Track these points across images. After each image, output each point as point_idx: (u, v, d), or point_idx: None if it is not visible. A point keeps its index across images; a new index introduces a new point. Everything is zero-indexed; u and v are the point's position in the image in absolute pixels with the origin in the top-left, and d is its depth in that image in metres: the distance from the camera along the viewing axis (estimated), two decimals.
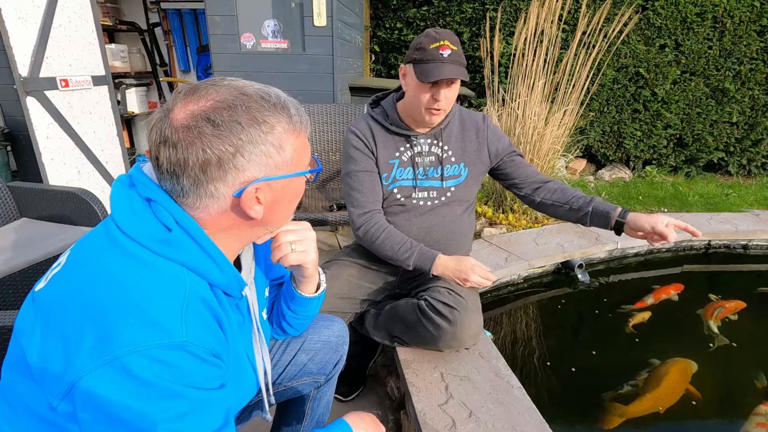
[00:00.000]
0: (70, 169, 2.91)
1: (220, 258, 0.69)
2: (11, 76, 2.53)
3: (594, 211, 1.45)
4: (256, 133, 0.63)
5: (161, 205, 0.65)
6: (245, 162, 0.63)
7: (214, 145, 0.61)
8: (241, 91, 0.64)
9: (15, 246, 1.89)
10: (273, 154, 0.65)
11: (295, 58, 2.71)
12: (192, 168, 0.62)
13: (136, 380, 0.56)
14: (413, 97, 1.39)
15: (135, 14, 4.70)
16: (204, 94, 0.63)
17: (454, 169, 1.52)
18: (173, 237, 0.64)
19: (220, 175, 0.63)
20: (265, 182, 0.66)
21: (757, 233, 2.71)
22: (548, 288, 2.34)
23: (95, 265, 0.63)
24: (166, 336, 0.58)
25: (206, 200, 0.65)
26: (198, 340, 0.61)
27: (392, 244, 1.43)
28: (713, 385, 1.66)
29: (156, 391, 0.57)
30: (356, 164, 1.48)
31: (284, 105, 0.67)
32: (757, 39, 3.72)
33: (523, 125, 2.82)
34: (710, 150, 4.07)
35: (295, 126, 0.68)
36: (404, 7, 4.27)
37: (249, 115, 0.63)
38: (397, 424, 1.53)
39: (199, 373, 0.61)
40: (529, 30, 2.74)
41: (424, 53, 1.31)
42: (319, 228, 2.98)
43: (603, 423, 1.50)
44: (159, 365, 0.57)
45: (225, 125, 0.61)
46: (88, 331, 0.57)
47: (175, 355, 0.58)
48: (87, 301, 0.59)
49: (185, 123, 0.61)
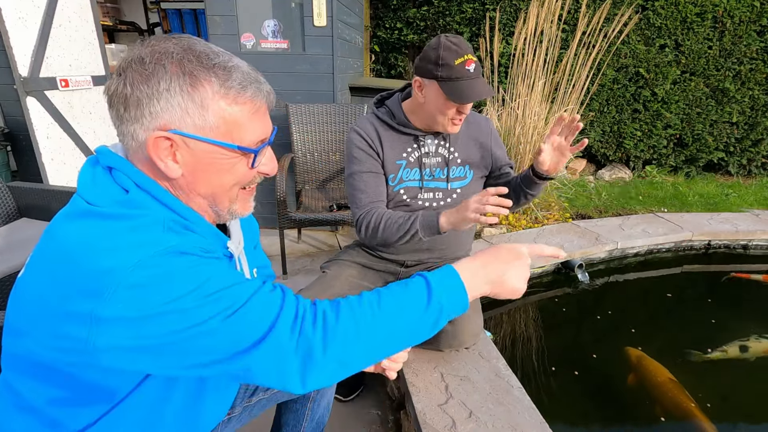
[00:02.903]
0: (70, 169, 2.91)
1: (188, 213, 0.68)
2: (11, 76, 2.53)
3: (520, 176, 1.43)
4: (178, 82, 0.62)
5: (121, 171, 0.66)
6: (159, 109, 0.62)
7: (135, 83, 0.61)
8: (189, 47, 0.64)
9: (15, 246, 1.89)
10: (192, 111, 0.63)
11: (295, 58, 2.71)
12: (115, 100, 0.63)
13: (153, 284, 0.56)
14: (436, 111, 1.36)
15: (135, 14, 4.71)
16: (157, 41, 0.64)
17: (459, 170, 1.52)
18: (131, 197, 0.64)
19: (137, 116, 0.63)
20: (181, 137, 0.64)
21: (757, 233, 2.71)
22: (548, 288, 2.34)
23: (62, 234, 0.62)
24: (158, 245, 0.58)
25: (129, 141, 0.65)
26: (187, 242, 0.62)
27: (394, 224, 1.38)
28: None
29: (179, 281, 0.57)
30: (360, 165, 1.46)
31: (227, 69, 0.65)
32: (757, 39, 3.71)
33: (523, 125, 2.82)
34: (710, 150, 4.07)
35: (229, 91, 0.64)
36: (404, 7, 4.27)
37: (179, 65, 0.62)
38: (397, 424, 1.53)
39: (201, 260, 0.61)
40: (529, 30, 2.74)
41: (450, 71, 1.28)
42: (319, 228, 2.98)
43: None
44: (167, 263, 0.57)
45: (150, 66, 0.61)
46: (85, 274, 0.56)
47: (174, 257, 0.59)
48: (75, 255, 0.58)
49: (124, 59, 0.63)
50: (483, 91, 1.30)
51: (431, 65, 1.31)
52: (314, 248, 2.79)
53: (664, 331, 1.98)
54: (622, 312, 2.17)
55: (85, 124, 3.02)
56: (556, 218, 2.90)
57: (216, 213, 0.73)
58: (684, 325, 2.03)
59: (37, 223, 2.14)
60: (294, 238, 2.88)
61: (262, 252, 1.01)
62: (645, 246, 2.61)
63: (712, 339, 1.88)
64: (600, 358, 1.81)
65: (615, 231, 2.67)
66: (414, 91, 1.39)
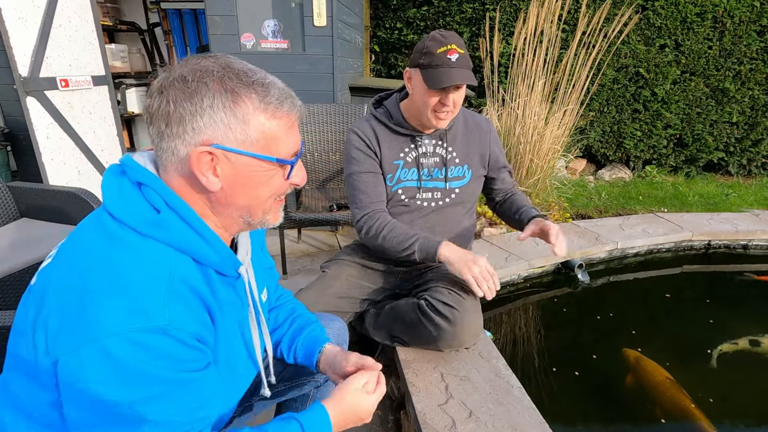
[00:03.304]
0: (70, 169, 2.91)
1: (211, 237, 0.69)
2: (11, 76, 2.53)
3: (526, 219, 1.53)
4: (221, 99, 0.64)
5: (151, 188, 0.66)
6: (203, 125, 0.64)
7: (179, 100, 0.63)
8: (227, 65, 0.66)
9: (15, 246, 1.89)
10: (235, 126, 0.65)
11: (295, 58, 2.71)
12: (157, 117, 0.64)
13: (115, 362, 0.56)
14: (420, 102, 1.38)
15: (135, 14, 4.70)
16: (197, 60, 0.66)
17: (458, 170, 1.52)
18: (163, 218, 0.65)
19: (178, 132, 0.64)
20: (222, 152, 0.65)
21: (757, 233, 2.71)
22: (548, 288, 2.34)
23: (83, 251, 0.64)
24: (147, 319, 0.59)
25: (169, 156, 0.66)
26: (180, 324, 0.62)
27: (395, 237, 1.42)
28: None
29: (135, 373, 0.58)
30: (359, 165, 1.47)
31: (265, 86, 0.67)
32: (757, 39, 3.71)
33: (523, 125, 2.82)
34: (710, 150, 4.07)
35: (268, 107, 0.67)
36: (404, 7, 4.27)
37: (220, 82, 0.64)
38: (397, 424, 1.52)
39: (179, 357, 0.62)
40: (529, 30, 2.74)
41: (431, 58, 1.30)
42: (319, 228, 2.98)
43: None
44: (139, 348, 0.58)
45: (193, 84, 0.63)
46: (71, 314, 0.58)
47: (157, 339, 0.59)
48: (73, 285, 0.60)
49: (165, 77, 0.65)
50: (459, 77, 1.30)
51: (417, 54, 1.35)
52: (314, 248, 2.79)
53: (664, 331, 1.98)
54: (622, 312, 2.16)
55: (85, 124, 3.02)
56: (556, 218, 2.90)
57: (247, 223, 0.75)
58: (684, 325, 2.03)
59: (37, 223, 2.14)
60: (294, 238, 2.88)
61: (267, 253, 1.02)
62: (645, 246, 2.61)
63: (712, 339, 1.88)
64: (600, 358, 1.81)
65: (615, 231, 2.67)
66: (406, 84, 1.42)
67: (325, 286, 1.51)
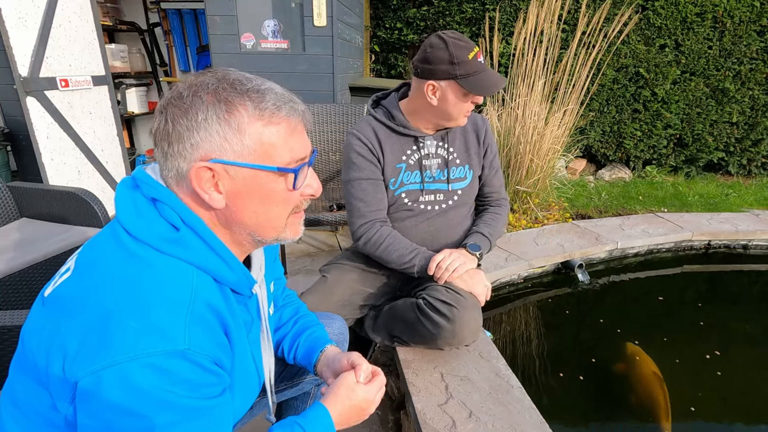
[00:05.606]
0: (70, 169, 2.91)
1: (228, 256, 0.68)
2: (11, 76, 2.53)
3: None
4: (215, 110, 0.62)
5: (167, 204, 0.65)
6: (199, 139, 0.63)
7: (176, 118, 0.63)
8: (224, 76, 0.65)
9: (15, 246, 1.89)
10: (231, 138, 0.63)
11: (295, 58, 2.71)
12: (160, 138, 0.64)
13: (133, 388, 0.55)
14: (454, 109, 1.38)
15: (135, 14, 4.70)
16: (196, 75, 0.66)
17: (459, 171, 1.51)
18: (182, 236, 0.64)
19: (179, 151, 0.63)
20: (222, 166, 0.64)
21: (757, 233, 2.71)
22: (548, 288, 2.34)
23: (102, 268, 0.62)
24: (168, 343, 0.57)
25: (174, 175, 0.65)
26: (200, 348, 0.60)
27: (395, 251, 1.43)
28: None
29: (153, 399, 0.56)
30: (359, 171, 1.44)
31: (260, 92, 0.65)
32: (757, 39, 3.71)
33: (523, 125, 2.82)
34: (710, 150, 4.07)
35: (263, 113, 0.64)
36: (404, 7, 4.27)
37: (214, 94, 0.63)
38: (397, 424, 1.52)
39: (198, 382, 0.60)
40: (529, 30, 2.74)
41: (467, 66, 1.30)
42: (319, 228, 2.98)
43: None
44: (158, 373, 0.56)
45: (188, 99, 0.63)
46: (91, 334, 0.57)
47: (176, 363, 0.57)
48: (93, 305, 0.59)
49: (165, 97, 0.65)
50: (499, 80, 1.35)
51: (446, 66, 1.31)
52: (314, 248, 2.79)
53: (664, 331, 1.98)
54: (622, 312, 2.16)
55: (85, 124, 3.02)
56: (556, 218, 2.90)
57: (258, 242, 0.73)
58: (684, 325, 2.03)
59: (37, 223, 2.14)
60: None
61: (279, 264, 1.02)
62: (645, 246, 2.61)
63: (712, 339, 1.88)
64: (600, 359, 1.81)
65: (615, 231, 2.67)
66: (429, 96, 1.37)
67: (328, 294, 1.49)
